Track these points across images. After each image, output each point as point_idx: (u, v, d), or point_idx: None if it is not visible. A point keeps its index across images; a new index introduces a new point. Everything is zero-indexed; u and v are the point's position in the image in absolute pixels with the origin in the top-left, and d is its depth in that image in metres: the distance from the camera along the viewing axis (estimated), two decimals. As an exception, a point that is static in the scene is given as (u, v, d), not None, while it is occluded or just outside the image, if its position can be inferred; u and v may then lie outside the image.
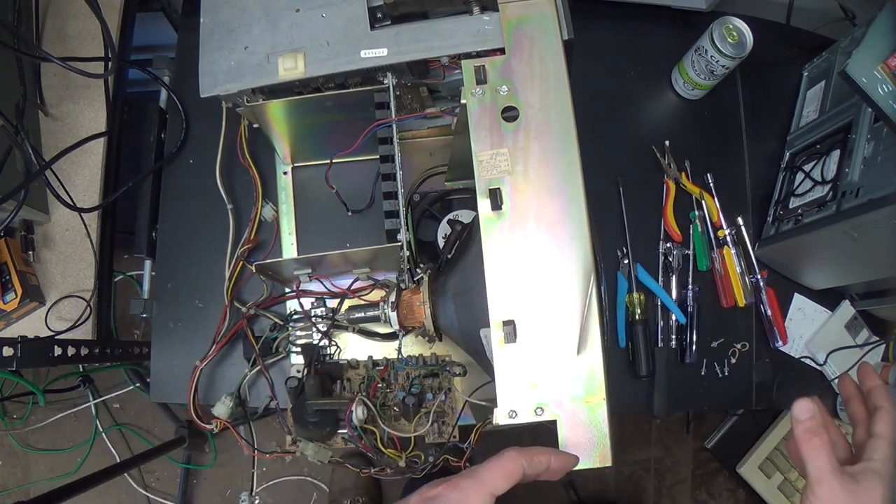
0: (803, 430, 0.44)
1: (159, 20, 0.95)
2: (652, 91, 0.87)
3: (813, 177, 0.77)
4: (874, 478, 0.43)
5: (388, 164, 0.59)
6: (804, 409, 0.44)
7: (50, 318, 0.78)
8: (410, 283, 0.65)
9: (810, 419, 0.44)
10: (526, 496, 1.48)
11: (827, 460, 0.42)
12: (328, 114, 0.62)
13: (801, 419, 0.44)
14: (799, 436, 0.44)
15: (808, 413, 0.44)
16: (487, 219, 0.48)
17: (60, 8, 0.83)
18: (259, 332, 0.73)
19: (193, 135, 0.80)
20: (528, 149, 0.49)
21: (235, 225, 0.74)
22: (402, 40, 0.55)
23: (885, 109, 0.61)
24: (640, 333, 0.78)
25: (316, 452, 0.67)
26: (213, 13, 0.58)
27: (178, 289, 0.77)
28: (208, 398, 0.74)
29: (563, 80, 0.50)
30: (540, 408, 0.45)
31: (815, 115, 0.82)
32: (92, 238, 0.78)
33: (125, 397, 1.47)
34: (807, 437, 0.43)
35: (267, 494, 1.47)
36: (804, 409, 0.44)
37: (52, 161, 0.71)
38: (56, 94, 0.81)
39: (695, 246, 0.81)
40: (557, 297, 0.47)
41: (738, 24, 0.77)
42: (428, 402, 0.68)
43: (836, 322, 0.83)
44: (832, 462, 0.43)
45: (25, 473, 1.48)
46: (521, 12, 0.52)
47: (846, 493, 0.42)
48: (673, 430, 1.56)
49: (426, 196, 0.79)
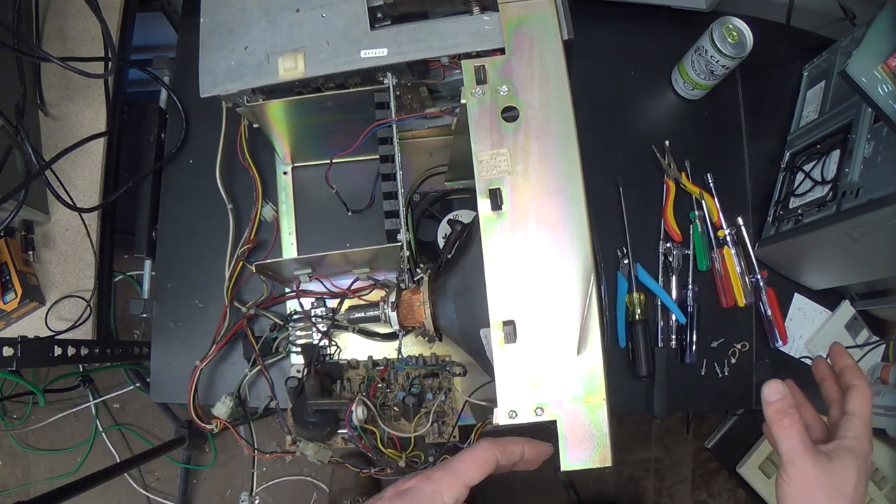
0: (774, 410, 0.44)
1: (159, 20, 0.95)
2: (652, 91, 0.87)
3: (813, 177, 0.77)
4: (847, 455, 0.43)
5: (388, 164, 0.59)
6: (774, 391, 0.45)
7: (50, 318, 0.78)
8: (410, 283, 0.65)
9: (780, 400, 0.44)
10: (526, 496, 1.48)
11: (799, 440, 0.43)
12: (328, 114, 0.62)
13: (770, 400, 0.45)
14: (770, 417, 0.44)
15: (777, 394, 0.44)
16: (487, 219, 0.48)
17: (60, 8, 0.83)
18: (259, 332, 0.73)
19: (193, 135, 0.80)
20: (528, 149, 0.49)
21: (235, 225, 0.74)
22: (402, 40, 0.55)
23: (885, 109, 0.61)
24: (640, 333, 0.78)
25: (316, 452, 0.67)
26: (213, 13, 0.58)
27: (178, 289, 0.77)
28: (208, 398, 0.74)
29: (563, 80, 0.50)
30: (540, 408, 0.45)
31: (815, 115, 0.82)
32: (92, 238, 0.78)
33: (125, 397, 1.47)
34: (777, 417, 0.44)
35: (267, 494, 1.47)
36: (774, 390, 0.45)
37: (52, 161, 0.71)
38: (56, 94, 0.81)
39: (695, 246, 0.81)
40: (557, 297, 0.47)
41: (738, 24, 0.77)
42: (428, 402, 0.68)
43: (836, 322, 0.83)
44: (804, 441, 0.43)
45: (25, 473, 1.48)
46: (521, 12, 0.52)
47: (819, 472, 0.42)
48: (673, 430, 1.56)
49: (426, 196, 0.79)
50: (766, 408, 0.45)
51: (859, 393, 0.46)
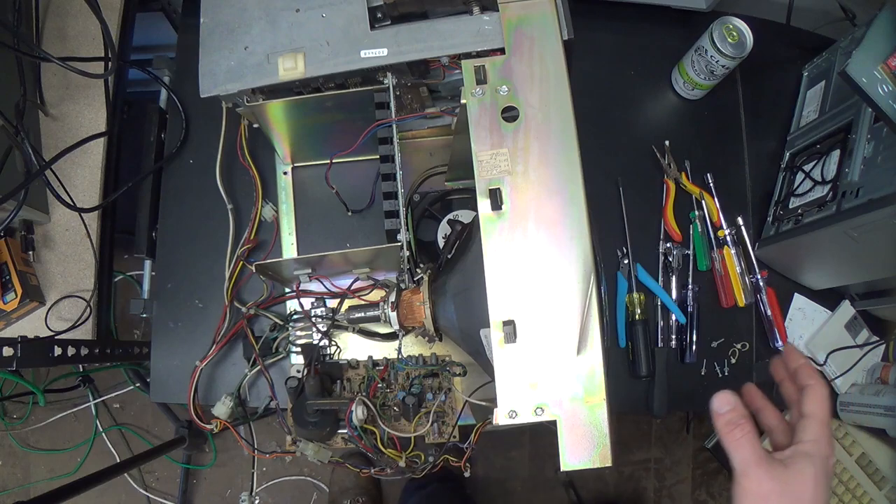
0: (724, 423, 0.43)
1: (159, 20, 0.95)
2: (652, 91, 0.87)
3: (813, 177, 0.77)
4: (804, 460, 0.41)
5: (388, 164, 0.59)
6: (723, 402, 0.44)
7: (50, 318, 0.78)
8: (410, 283, 0.65)
9: (730, 411, 0.43)
10: (526, 496, 1.48)
11: (750, 451, 0.42)
12: (328, 114, 0.62)
13: (720, 412, 0.44)
14: (720, 429, 0.43)
15: (727, 405, 0.43)
16: (487, 219, 0.48)
17: (60, 8, 0.83)
18: (259, 332, 0.73)
19: (193, 135, 0.80)
20: (528, 149, 0.49)
21: (235, 225, 0.74)
22: (402, 40, 0.55)
23: (885, 109, 0.61)
24: (640, 333, 0.78)
25: (316, 452, 0.67)
26: (213, 13, 0.58)
27: (178, 289, 0.77)
28: (208, 398, 0.74)
29: (563, 80, 0.50)
30: (540, 408, 0.45)
31: (815, 115, 0.82)
32: (92, 238, 0.78)
33: (125, 397, 1.47)
34: (728, 429, 0.43)
35: (267, 494, 1.47)
36: (722, 401, 0.44)
37: (52, 161, 0.71)
38: (56, 94, 0.81)
39: (695, 246, 0.81)
40: (557, 297, 0.46)
41: (738, 24, 0.77)
42: (428, 402, 0.68)
43: (836, 322, 0.83)
44: (756, 452, 0.41)
45: (25, 473, 1.48)
46: (521, 12, 0.52)
47: (774, 482, 0.40)
48: (673, 430, 1.56)
49: (426, 196, 0.79)
50: (716, 420, 0.44)
51: (814, 393, 0.45)
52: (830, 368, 0.82)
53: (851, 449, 0.97)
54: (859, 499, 0.97)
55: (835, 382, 0.83)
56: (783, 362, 0.49)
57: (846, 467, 0.97)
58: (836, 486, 0.98)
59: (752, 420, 0.43)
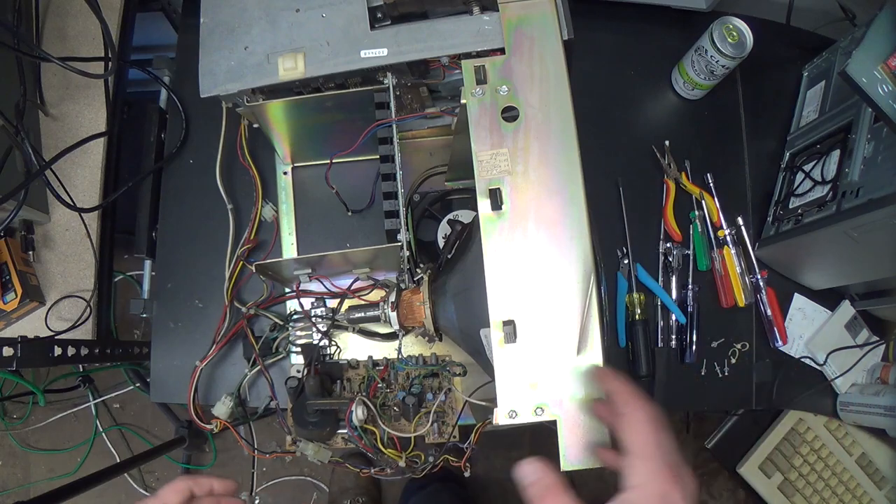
0: (533, 494, 0.39)
1: (159, 20, 0.95)
2: (652, 91, 0.87)
3: (813, 177, 0.77)
4: None
5: (388, 164, 0.59)
6: (528, 473, 0.40)
7: (50, 318, 0.78)
8: (410, 283, 0.65)
9: (536, 482, 0.39)
10: (526, 496, 1.48)
11: None
12: (328, 114, 0.62)
13: (526, 483, 0.40)
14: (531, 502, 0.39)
15: (532, 476, 0.40)
16: (487, 219, 0.48)
17: (60, 8, 0.83)
18: (259, 332, 0.73)
19: (193, 135, 0.80)
20: (528, 149, 0.49)
21: (235, 225, 0.74)
22: (402, 40, 0.55)
23: (885, 109, 0.61)
24: (640, 333, 0.78)
25: (316, 452, 0.67)
26: (213, 13, 0.58)
27: (178, 289, 0.77)
28: (208, 398, 0.74)
29: (563, 80, 0.50)
30: (540, 408, 0.45)
31: (815, 115, 0.81)
32: (92, 238, 0.78)
33: (125, 397, 1.47)
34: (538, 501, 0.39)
35: (267, 494, 1.47)
36: (527, 472, 0.40)
37: (52, 161, 0.71)
38: (56, 94, 0.81)
39: (695, 246, 0.81)
40: (557, 297, 0.47)
41: (738, 24, 0.77)
42: (428, 402, 0.68)
43: (836, 322, 0.83)
44: None
45: (25, 473, 1.48)
46: (521, 12, 0.52)
47: None
48: (673, 430, 1.56)
49: (426, 196, 0.79)
50: (524, 493, 0.40)
51: (630, 423, 0.39)
52: (830, 368, 0.83)
53: (851, 449, 0.97)
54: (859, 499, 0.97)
55: (835, 382, 0.83)
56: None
57: (846, 467, 0.97)
58: (836, 486, 0.98)
59: (563, 481, 0.39)
